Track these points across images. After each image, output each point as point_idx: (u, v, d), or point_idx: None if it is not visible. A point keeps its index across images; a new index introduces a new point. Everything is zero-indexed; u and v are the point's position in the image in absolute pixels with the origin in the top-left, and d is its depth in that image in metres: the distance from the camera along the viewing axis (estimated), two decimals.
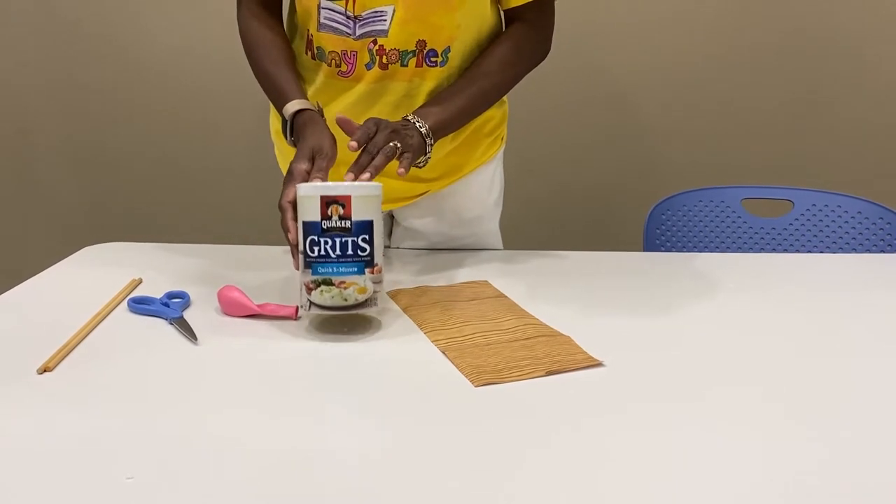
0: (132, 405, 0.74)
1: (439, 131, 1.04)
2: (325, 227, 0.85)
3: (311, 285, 0.87)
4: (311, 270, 0.87)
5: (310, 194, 0.86)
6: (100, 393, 0.76)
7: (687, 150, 2.03)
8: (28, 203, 2.22)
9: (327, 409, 0.74)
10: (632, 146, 2.04)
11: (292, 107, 1.03)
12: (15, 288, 1.06)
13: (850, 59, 1.94)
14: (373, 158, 0.94)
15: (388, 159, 0.94)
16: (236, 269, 1.13)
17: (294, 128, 1.03)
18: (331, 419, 0.71)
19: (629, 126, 2.03)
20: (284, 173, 1.28)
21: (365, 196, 0.86)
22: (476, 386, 0.77)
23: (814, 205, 1.47)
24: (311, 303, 0.88)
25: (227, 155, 2.12)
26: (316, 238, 0.86)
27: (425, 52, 1.07)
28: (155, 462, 0.64)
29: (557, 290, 1.06)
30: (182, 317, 0.94)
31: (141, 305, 0.97)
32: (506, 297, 1.02)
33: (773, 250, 1.49)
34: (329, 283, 0.86)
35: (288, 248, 0.98)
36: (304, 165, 0.95)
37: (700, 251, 1.50)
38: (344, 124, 0.98)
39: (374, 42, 1.05)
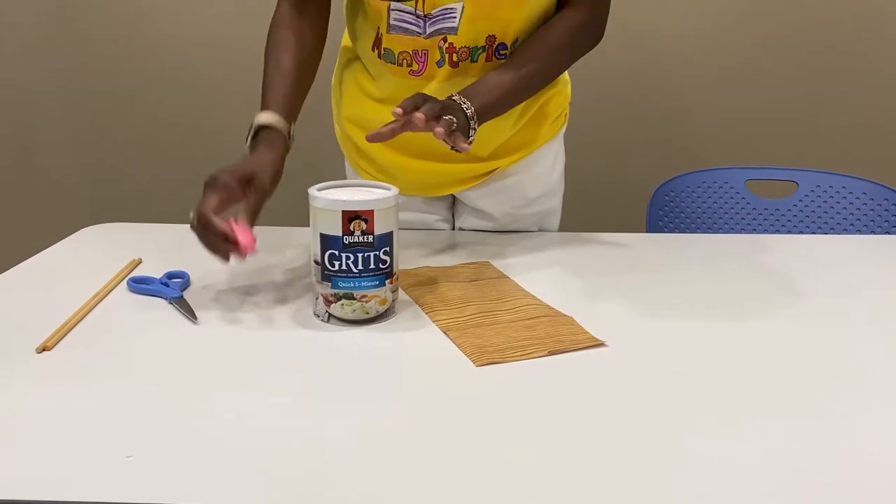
0: (131, 384, 0.73)
1: (484, 115, 1.00)
2: (346, 242, 0.84)
3: (331, 298, 0.86)
4: (330, 284, 0.86)
5: (330, 209, 0.83)
6: (99, 372, 0.76)
7: (690, 130, 2.02)
8: (28, 183, 2.21)
9: (328, 388, 0.73)
10: (635, 127, 2.03)
11: (262, 118, 0.98)
12: (14, 268, 1.05)
13: (856, 40, 1.92)
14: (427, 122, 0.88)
15: (446, 129, 0.89)
16: None
17: (255, 138, 0.98)
18: (331, 398, 0.71)
19: (632, 108, 2.01)
20: (344, 149, 1.26)
21: (387, 209, 0.85)
22: (478, 366, 0.77)
23: (818, 186, 1.46)
24: (330, 315, 0.87)
25: (227, 137, 2.11)
26: (337, 253, 0.84)
27: (495, 46, 1.06)
28: (154, 441, 0.63)
29: (559, 270, 1.05)
30: (182, 296, 0.93)
31: (140, 285, 0.97)
32: (507, 277, 1.01)
33: (777, 232, 1.48)
34: (350, 297, 0.85)
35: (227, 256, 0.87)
36: (232, 182, 0.88)
37: (703, 233, 1.49)
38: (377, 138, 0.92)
39: (444, 40, 1.05)
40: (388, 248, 0.86)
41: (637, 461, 0.61)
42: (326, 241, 0.84)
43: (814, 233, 1.45)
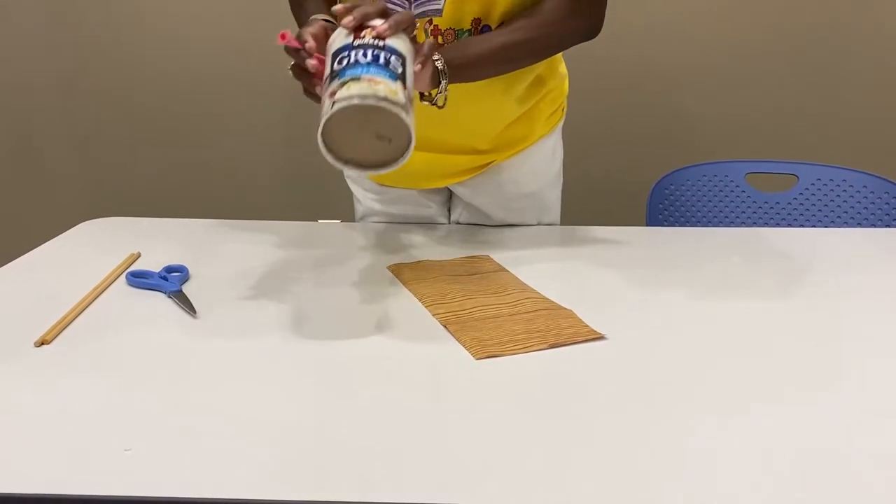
0: (130, 378, 0.73)
1: (457, 71, 0.95)
2: (356, 44, 0.78)
3: (337, 87, 0.76)
4: (338, 78, 0.76)
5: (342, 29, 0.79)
6: (97, 366, 0.76)
7: (690, 124, 2.02)
8: (27, 177, 2.21)
9: (327, 381, 0.73)
10: (634, 121, 2.02)
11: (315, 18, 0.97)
12: (13, 261, 1.05)
13: (856, 34, 1.92)
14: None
15: (400, 25, 0.83)
16: (235, 243, 1.13)
17: None
18: (331, 391, 0.71)
19: (632, 101, 2.01)
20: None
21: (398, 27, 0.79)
22: (477, 359, 0.77)
23: (818, 179, 1.46)
24: (335, 103, 0.75)
25: (225, 133, 2.11)
26: (346, 52, 0.77)
27: (480, 28, 1.05)
28: (153, 435, 0.63)
29: (559, 264, 1.05)
30: (181, 290, 0.93)
31: (139, 279, 0.96)
32: (507, 271, 1.01)
33: (777, 225, 1.47)
34: (357, 79, 0.76)
35: None
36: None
37: (704, 226, 1.49)
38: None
39: (430, 22, 1.04)
40: (401, 59, 0.78)
41: (637, 454, 0.61)
42: (336, 52, 0.79)
43: (814, 226, 1.45)
